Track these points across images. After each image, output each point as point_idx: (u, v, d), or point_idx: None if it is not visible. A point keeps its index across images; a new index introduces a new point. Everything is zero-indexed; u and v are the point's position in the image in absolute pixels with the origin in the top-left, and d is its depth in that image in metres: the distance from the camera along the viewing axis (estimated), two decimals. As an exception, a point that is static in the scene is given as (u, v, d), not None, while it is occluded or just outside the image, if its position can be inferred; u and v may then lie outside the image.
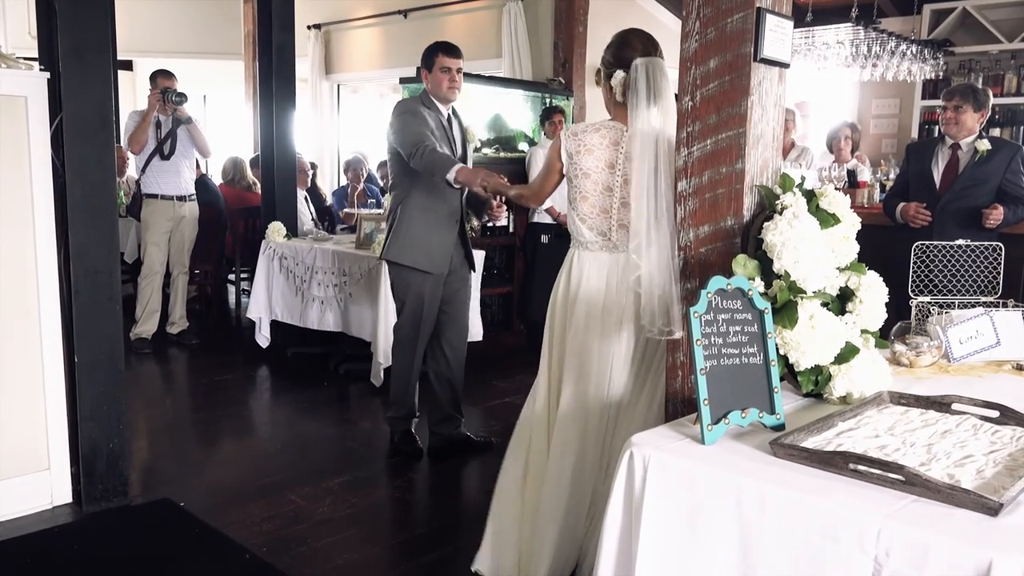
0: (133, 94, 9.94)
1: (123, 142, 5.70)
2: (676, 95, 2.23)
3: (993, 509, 1.29)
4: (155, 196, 5.53)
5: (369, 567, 2.80)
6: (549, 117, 5.73)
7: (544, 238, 5.73)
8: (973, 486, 1.40)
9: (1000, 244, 2.74)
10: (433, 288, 3.62)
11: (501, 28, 6.89)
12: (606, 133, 2.48)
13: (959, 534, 1.24)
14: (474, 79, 5.75)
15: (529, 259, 5.83)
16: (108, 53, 3.09)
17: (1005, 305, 2.52)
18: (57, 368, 3.08)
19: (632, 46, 2.45)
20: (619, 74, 2.45)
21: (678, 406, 2.15)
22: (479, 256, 4.64)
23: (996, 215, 3.77)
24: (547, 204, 5.64)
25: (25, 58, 3.03)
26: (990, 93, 4.14)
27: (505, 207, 3.56)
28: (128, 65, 9.93)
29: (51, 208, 3.02)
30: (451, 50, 3.53)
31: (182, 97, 5.42)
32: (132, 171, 6.69)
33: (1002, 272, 2.69)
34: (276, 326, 5.32)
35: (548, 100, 6.14)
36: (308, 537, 2.96)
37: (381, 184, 7.28)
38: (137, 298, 5.64)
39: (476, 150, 4.79)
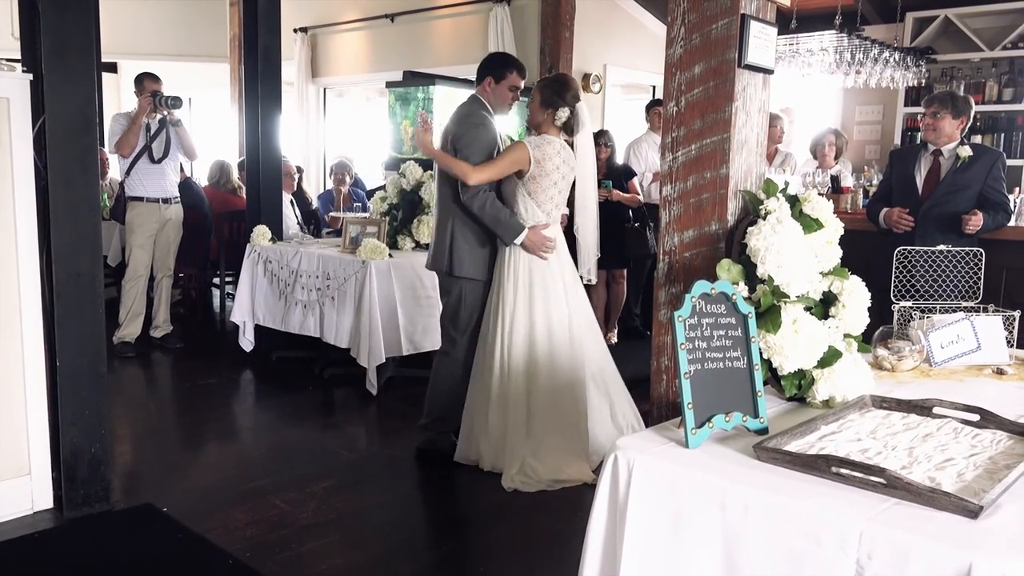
0: (117, 96, 9.90)
1: (107, 145, 5.66)
2: (660, 100, 2.29)
3: (973, 512, 1.30)
4: (140, 199, 5.50)
5: (354, 573, 2.79)
6: None
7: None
8: (954, 489, 1.41)
9: (981, 249, 2.77)
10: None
11: (488, 32, 6.91)
12: (556, 147, 3.49)
13: (940, 537, 1.25)
14: (461, 83, 5.76)
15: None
16: (92, 55, 3.06)
17: (986, 310, 2.54)
18: (39, 372, 3.06)
19: (572, 92, 3.53)
20: (564, 111, 3.49)
21: (662, 410, 2.16)
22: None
23: (975, 221, 3.80)
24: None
25: (7, 59, 3.01)
26: (971, 100, 4.18)
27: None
28: (112, 67, 9.89)
29: (33, 210, 2.99)
30: (522, 71, 3.74)
31: (178, 101, 5.40)
32: (114, 173, 6.65)
33: (983, 277, 2.72)
34: (261, 330, 5.29)
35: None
36: (292, 542, 2.95)
37: (367, 188, 7.27)
38: (121, 301, 5.59)
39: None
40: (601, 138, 6.03)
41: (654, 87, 7.64)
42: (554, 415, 3.48)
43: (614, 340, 6.22)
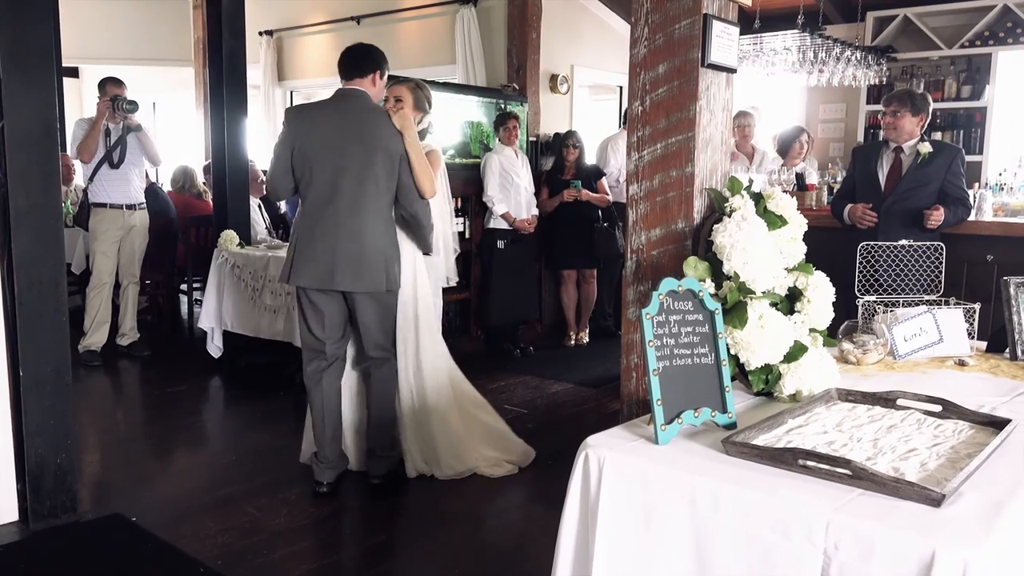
0: (79, 101, 9.74)
1: (70, 150, 5.58)
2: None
3: (936, 500, 1.32)
4: (104, 205, 5.43)
5: (327, 577, 2.78)
6: (503, 123, 5.74)
7: (500, 243, 5.74)
8: (917, 478, 1.44)
9: (941, 244, 2.82)
10: None
11: (455, 34, 6.90)
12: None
13: (904, 525, 1.28)
14: (428, 85, 5.74)
15: (485, 264, 5.84)
16: (51, 59, 3.02)
17: (947, 303, 2.59)
18: (1, 383, 3.00)
19: (430, 99, 3.60)
20: (427, 118, 3.56)
21: (633, 407, 2.17)
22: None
23: (937, 216, 3.87)
24: (503, 209, 5.66)
25: (-36, 64, 2.96)
26: (929, 97, 4.25)
27: None
28: (74, 72, 9.73)
29: (-7, 218, 2.94)
30: None
31: (133, 105, 5.33)
32: (79, 179, 6.55)
33: (944, 271, 2.77)
34: (229, 336, 5.24)
35: (503, 105, 6.16)
36: (265, 548, 2.93)
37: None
38: (86, 309, 5.51)
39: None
40: (569, 139, 6.06)
41: (621, 88, 7.68)
42: (473, 400, 3.73)
43: (586, 340, 6.25)
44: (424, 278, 3.52)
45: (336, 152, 3.16)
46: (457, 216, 5.61)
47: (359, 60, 3.30)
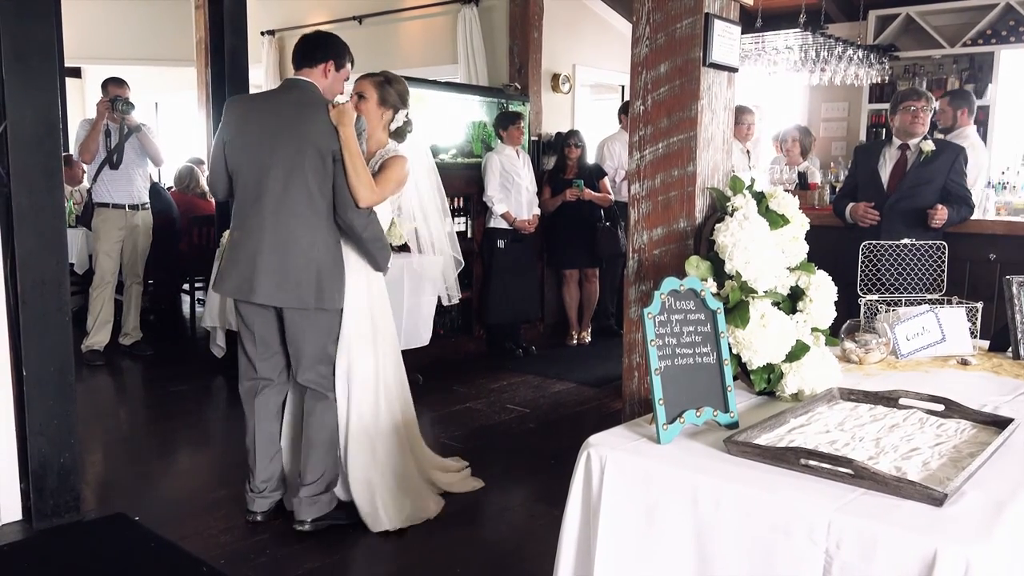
0: (82, 101, 9.76)
1: (73, 151, 5.60)
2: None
3: (938, 500, 1.32)
4: (106, 205, 5.44)
5: (330, 576, 2.78)
6: (513, 122, 5.72)
7: (500, 243, 5.74)
8: (919, 478, 1.44)
9: (944, 243, 2.82)
10: None
11: (456, 34, 6.90)
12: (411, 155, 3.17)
13: (906, 525, 1.28)
14: (430, 85, 5.75)
15: (486, 264, 5.84)
16: (54, 59, 3.02)
17: (949, 302, 2.59)
18: (5, 382, 3.00)
19: (406, 90, 3.17)
20: (403, 113, 3.13)
21: (635, 406, 2.17)
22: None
23: (941, 215, 3.87)
24: (502, 209, 5.66)
25: (-33, 65, 2.96)
26: None
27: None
28: (76, 72, 9.75)
29: (-4, 218, 2.95)
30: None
31: (129, 106, 5.35)
32: (86, 180, 6.57)
33: (946, 270, 2.77)
34: (232, 336, 5.24)
35: (504, 105, 6.16)
36: (267, 547, 2.93)
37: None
38: (88, 309, 5.52)
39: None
40: (571, 138, 6.06)
41: (623, 87, 7.68)
42: (414, 439, 3.32)
43: (588, 339, 6.25)
44: (382, 295, 3.09)
45: (263, 148, 2.82)
46: (459, 216, 5.61)
47: (311, 48, 2.95)
